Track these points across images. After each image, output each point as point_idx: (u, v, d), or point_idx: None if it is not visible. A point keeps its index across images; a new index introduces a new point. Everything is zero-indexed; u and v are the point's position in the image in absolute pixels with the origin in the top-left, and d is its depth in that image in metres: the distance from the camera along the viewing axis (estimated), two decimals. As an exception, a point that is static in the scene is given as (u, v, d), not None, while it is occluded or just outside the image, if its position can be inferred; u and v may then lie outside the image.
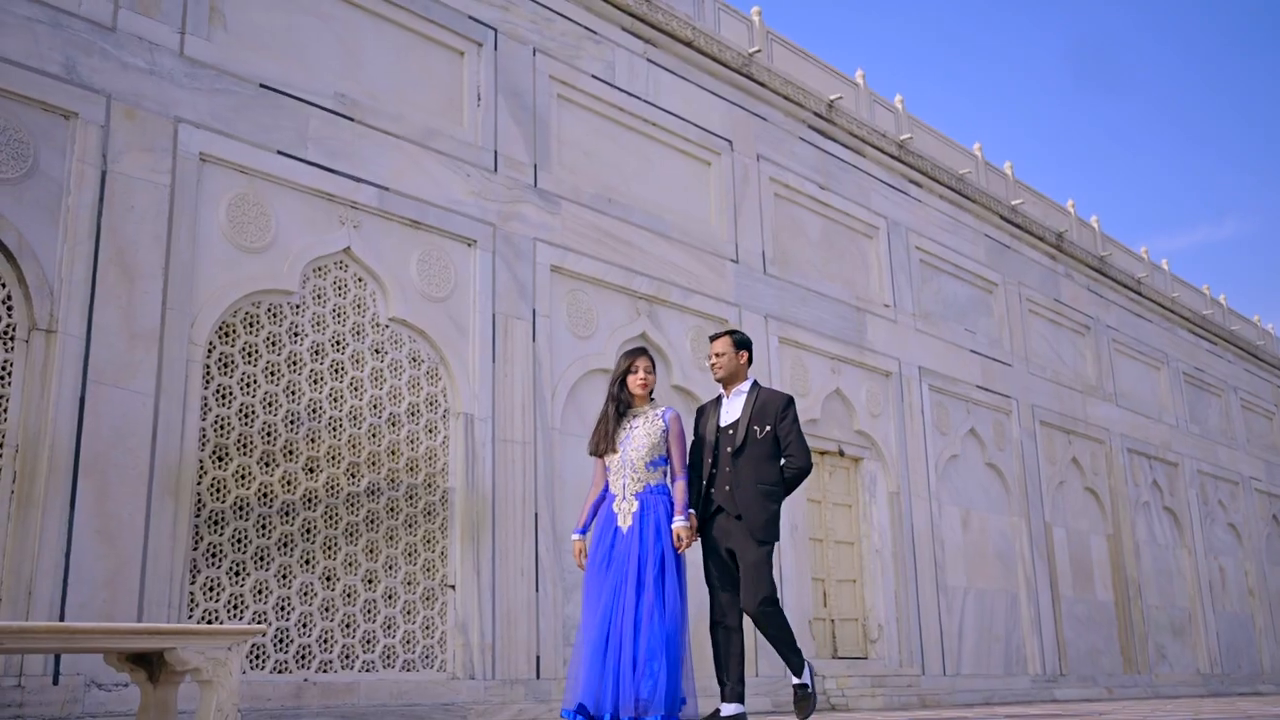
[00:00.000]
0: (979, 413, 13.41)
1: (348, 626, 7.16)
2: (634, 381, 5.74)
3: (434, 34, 8.42)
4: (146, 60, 6.72)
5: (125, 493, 6.18)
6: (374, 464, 7.50)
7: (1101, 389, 16.06)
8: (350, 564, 7.25)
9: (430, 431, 7.85)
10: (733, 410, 5.91)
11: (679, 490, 5.64)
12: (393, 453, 7.60)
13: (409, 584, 7.52)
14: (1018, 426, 13.92)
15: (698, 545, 5.87)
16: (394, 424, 7.65)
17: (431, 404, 7.90)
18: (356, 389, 7.51)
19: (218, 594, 6.61)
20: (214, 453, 6.73)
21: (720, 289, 10.23)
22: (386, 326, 7.75)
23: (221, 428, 6.80)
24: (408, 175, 7.96)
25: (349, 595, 7.21)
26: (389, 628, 7.36)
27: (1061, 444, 14.80)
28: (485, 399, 8.05)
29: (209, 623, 6.49)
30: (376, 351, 7.68)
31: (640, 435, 5.65)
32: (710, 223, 10.45)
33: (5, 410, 5.94)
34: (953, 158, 14.29)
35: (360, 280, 7.68)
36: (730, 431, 5.83)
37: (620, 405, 5.74)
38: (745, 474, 5.73)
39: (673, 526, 5.55)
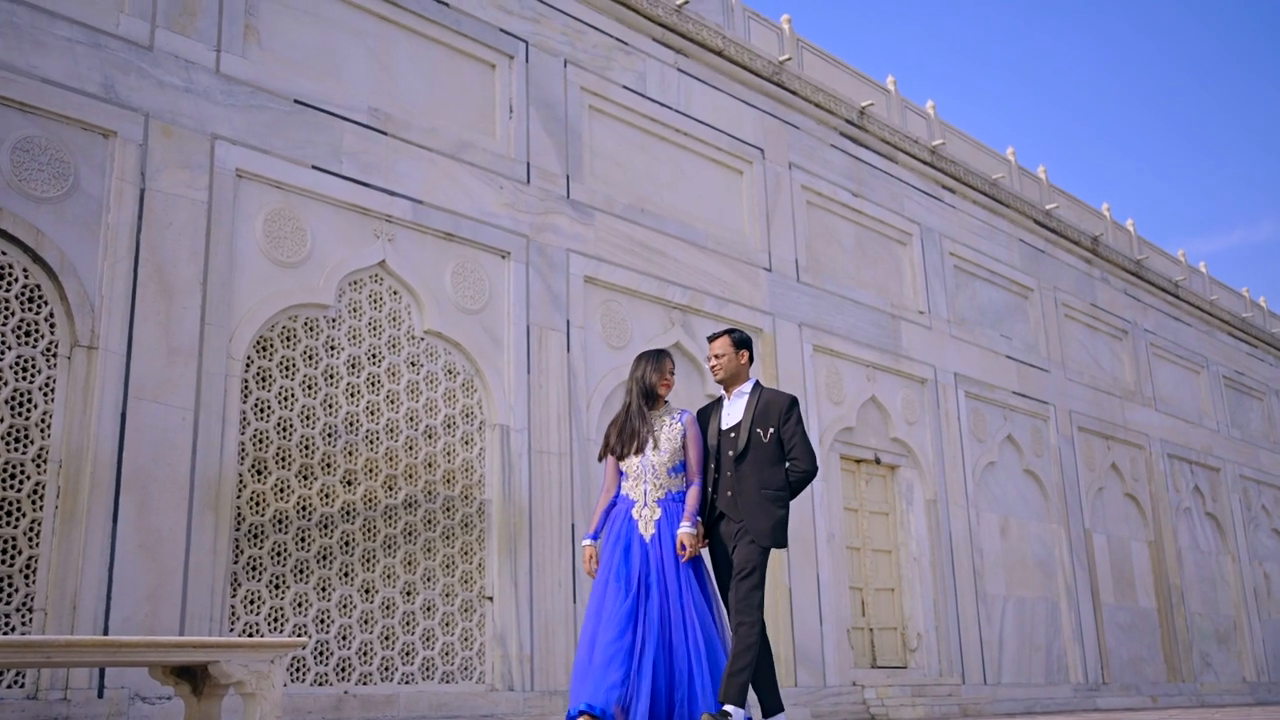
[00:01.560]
0: (1016, 419, 13.29)
1: (387, 639, 7.18)
2: (665, 385, 5.55)
3: (466, 47, 8.46)
4: (183, 78, 6.79)
5: (166, 507, 6.23)
6: (411, 477, 7.52)
7: (1140, 394, 15.88)
8: (389, 576, 7.27)
9: (466, 444, 7.86)
10: (734, 413, 5.63)
11: (692, 495, 5.43)
12: (429, 465, 7.62)
13: (447, 596, 7.53)
14: (1055, 433, 13.79)
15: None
16: (430, 436, 7.67)
17: (467, 416, 7.91)
18: (393, 402, 7.54)
19: (258, 607, 6.64)
20: (253, 466, 6.77)
21: (754, 298, 10.21)
22: (422, 339, 7.78)
23: (260, 442, 6.84)
24: (441, 188, 7.99)
25: (388, 607, 7.22)
26: (428, 640, 7.37)
27: (1100, 450, 14.65)
28: (521, 410, 8.06)
29: (250, 636, 6.52)
30: (412, 364, 7.70)
31: (663, 439, 5.45)
32: (743, 231, 10.43)
33: (49, 426, 6.01)
34: (986, 163, 14.20)
35: (395, 293, 7.71)
36: (732, 435, 5.56)
37: (645, 406, 5.51)
38: (748, 479, 5.46)
39: (677, 532, 5.31)
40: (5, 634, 5.65)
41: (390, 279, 7.69)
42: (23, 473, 5.89)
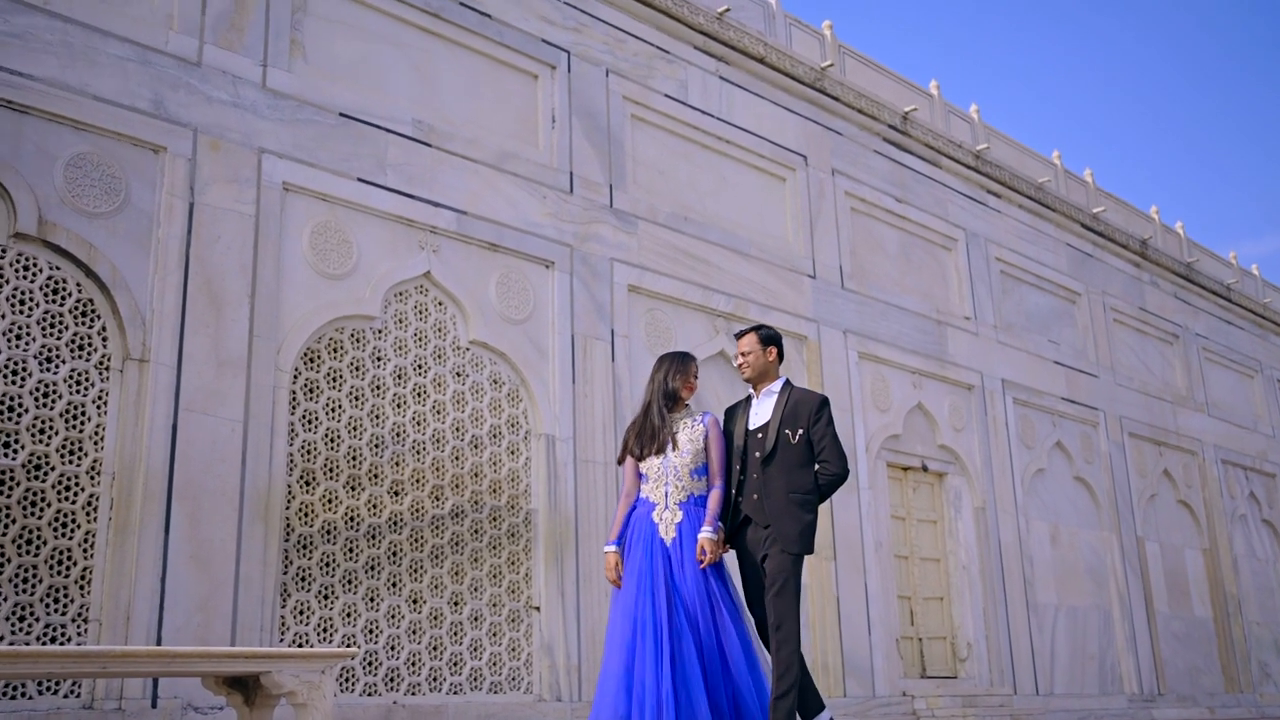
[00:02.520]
0: (1065, 425, 13.12)
1: (435, 649, 7.19)
2: (688, 389, 5.40)
3: (508, 58, 8.49)
4: (230, 93, 6.86)
5: (217, 518, 6.28)
6: (457, 486, 7.53)
7: (1192, 399, 15.63)
8: (436, 586, 7.29)
9: (512, 453, 7.87)
10: (762, 412, 5.39)
11: (713, 499, 5.24)
12: (476, 475, 7.63)
13: (494, 606, 7.53)
14: (1106, 439, 13.60)
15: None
16: (476, 446, 7.69)
17: (513, 426, 7.92)
18: (439, 412, 7.56)
19: (308, 617, 6.67)
20: (301, 477, 6.81)
21: (798, 305, 10.15)
22: (467, 349, 7.80)
23: (308, 453, 6.88)
24: (485, 199, 8.02)
25: (436, 618, 7.24)
26: (475, 650, 7.37)
27: (1152, 456, 14.42)
28: (566, 420, 8.06)
29: (300, 646, 6.55)
30: (458, 374, 7.72)
31: (684, 442, 5.28)
32: (787, 238, 10.38)
33: (102, 439, 6.08)
34: (1031, 167, 14.06)
35: (440, 304, 7.74)
36: (759, 436, 5.32)
37: (666, 408, 5.36)
38: (776, 482, 5.22)
39: (698, 537, 5.12)
40: (62, 644, 5.72)
41: (435, 290, 7.72)
42: (77, 485, 5.97)
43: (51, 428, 5.94)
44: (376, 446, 7.19)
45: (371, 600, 6.97)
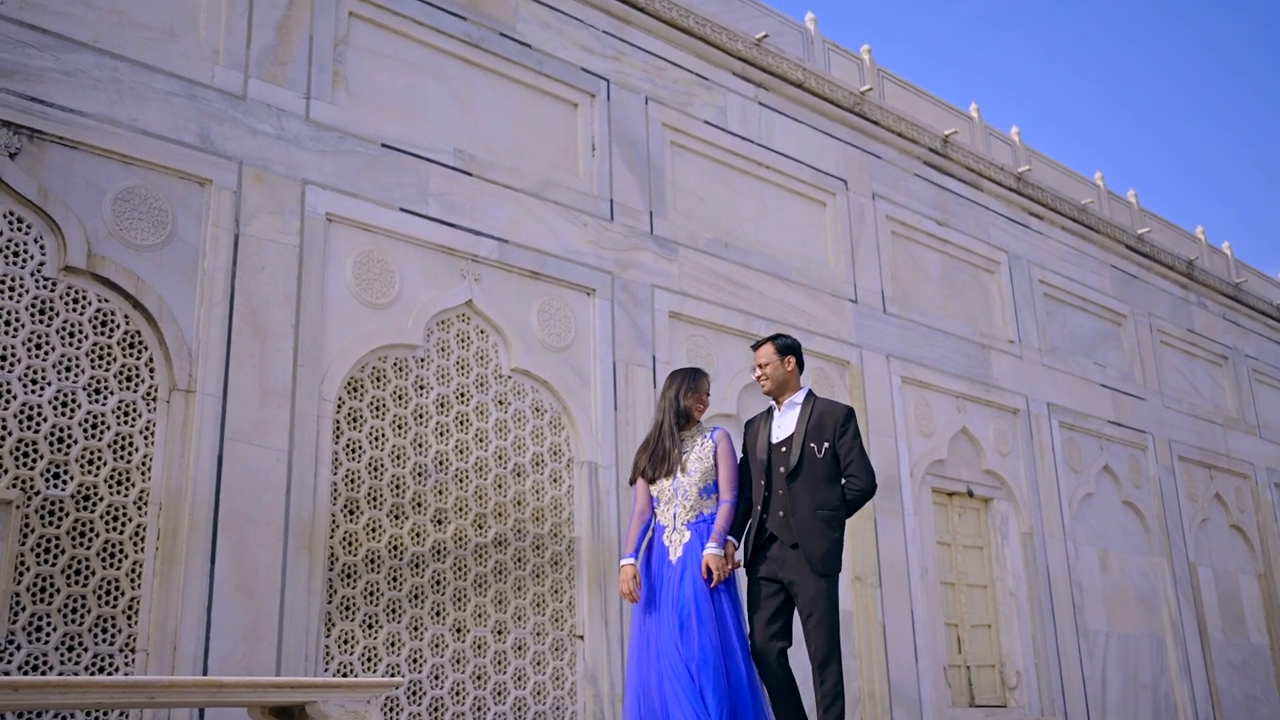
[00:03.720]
0: (1113, 449, 12.94)
1: (479, 678, 7.16)
2: (700, 407, 5.26)
3: (548, 87, 8.53)
4: (274, 126, 6.94)
5: (262, 548, 6.30)
6: (500, 515, 7.52)
7: (1243, 421, 15.37)
8: (480, 615, 7.27)
9: (555, 481, 7.86)
10: (785, 425, 5.20)
11: (721, 514, 5.02)
12: (518, 503, 7.62)
13: (538, 635, 7.50)
14: (1155, 462, 13.38)
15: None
16: (519, 474, 7.68)
17: (555, 453, 7.91)
18: (481, 440, 7.57)
19: (352, 647, 6.67)
20: (345, 507, 6.83)
21: (840, 330, 10.09)
22: (509, 377, 7.81)
23: (352, 482, 6.90)
24: (526, 227, 8.05)
25: (479, 647, 7.22)
26: (519, 679, 7.34)
27: (1202, 480, 14.18)
28: (608, 447, 8.04)
29: (344, 675, 6.55)
30: (500, 403, 7.73)
31: (693, 460, 5.12)
32: (828, 263, 10.34)
33: (149, 469, 6.13)
34: (1074, 188, 13.94)
35: (482, 332, 7.76)
36: (783, 449, 5.12)
37: (673, 429, 5.22)
38: (802, 498, 5.01)
39: (703, 554, 4.90)
40: (110, 674, 5.75)
41: (477, 318, 7.75)
42: (125, 515, 6.01)
43: (100, 458, 6.00)
44: (419, 475, 7.20)
45: (415, 629, 6.96)
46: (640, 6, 9.25)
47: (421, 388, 7.36)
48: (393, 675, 6.73)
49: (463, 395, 7.56)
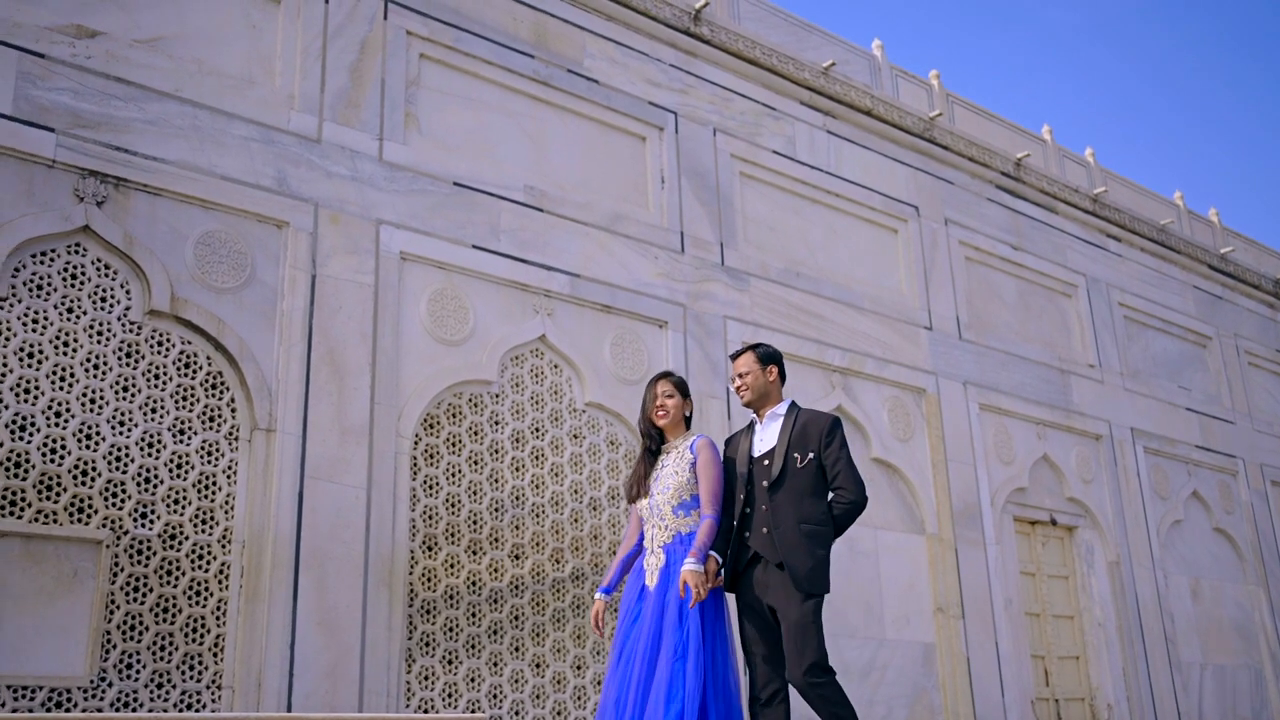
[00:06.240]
0: (1201, 474, 12.58)
1: (559, 714, 7.13)
2: (655, 413, 4.91)
3: (616, 122, 8.58)
4: (349, 167, 7.06)
5: (343, 584, 6.35)
6: (577, 549, 7.51)
7: (1337, 443, 14.86)
8: (559, 650, 7.25)
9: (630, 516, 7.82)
10: (768, 437, 4.91)
11: (702, 529, 4.64)
12: (595, 538, 7.60)
13: (617, 669, 7.44)
14: (1246, 488, 12.98)
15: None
16: (595, 509, 7.67)
17: (630, 486, 7.87)
18: (557, 474, 7.57)
19: (432, 683, 6.68)
20: (424, 543, 6.87)
21: (915, 357, 9.97)
22: (583, 411, 7.82)
23: (430, 518, 6.94)
24: (597, 261, 8.07)
25: (559, 682, 7.19)
26: (599, 715, 7.28)
27: (1297, 505, 13.71)
28: (683, 479, 7.98)
29: (425, 711, 6.56)
30: (575, 437, 7.74)
31: (668, 474, 4.78)
32: (901, 290, 10.23)
33: (232, 508, 6.22)
34: (1152, 208, 13.66)
35: (556, 367, 7.79)
36: (765, 462, 4.83)
37: (652, 442, 4.94)
38: (785, 512, 4.70)
39: (681, 571, 4.52)
40: (198, 710, 5.81)
41: (551, 353, 7.77)
42: (210, 553, 6.10)
43: (185, 498, 6.10)
44: (496, 510, 7.22)
45: (495, 665, 6.96)
46: (706, 39, 9.28)
47: (497, 423, 7.39)
48: (473, 711, 6.73)
49: (537, 430, 7.58)
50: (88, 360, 5.97)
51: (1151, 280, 13.09)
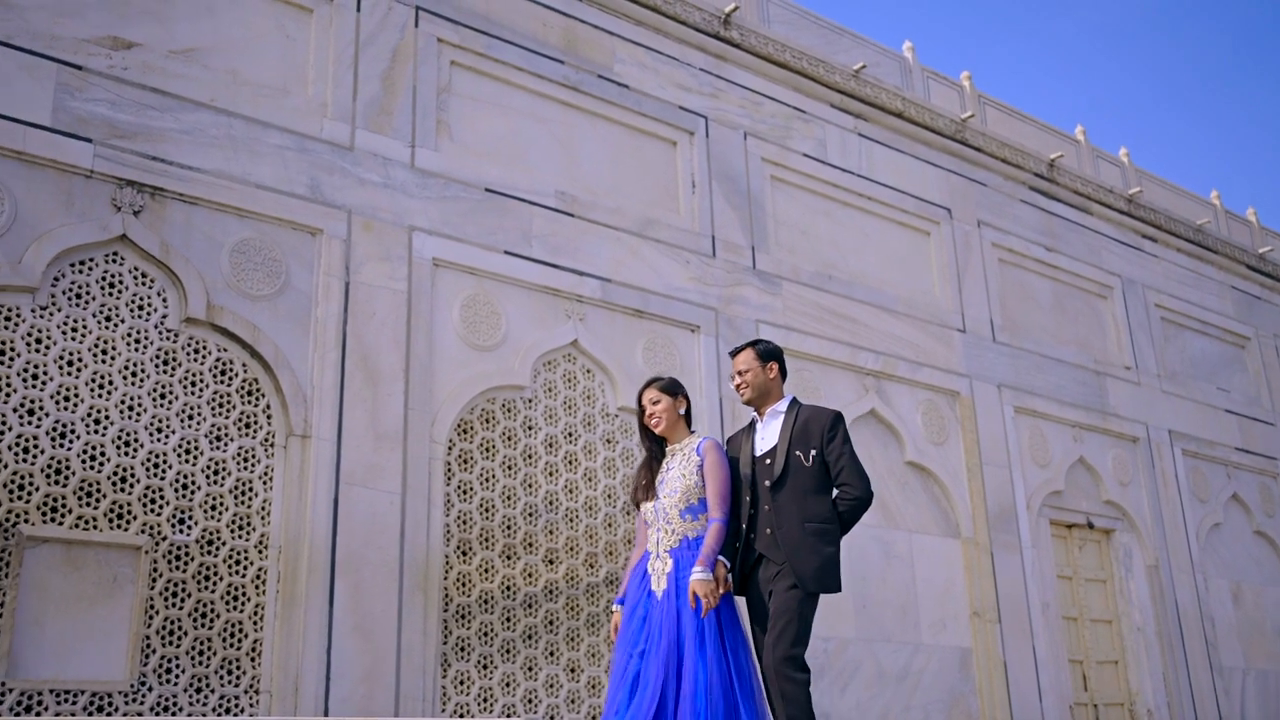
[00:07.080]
0: (1241, 477, 12.42)
1: (594, 719, 7.12)
2: (648, 423, 4.81)
3: (647, 127, 8.59)
4: (381, 175, 7.10)
5: (378, 590, 6.38)
6: (611, 554, 7.51)
7: (1380, 445, 14.63)
8: (593, 655, 7.24)
9: (664, 519, 7.81)
10: (769, 435, 4.80)
11: (710, 533, 4.52)
12: (629, 542, 7.60)
13: (651, 674, 7.43)
14: (1287, 490, 12.80)
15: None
16: (629, 513, 7.66)
17: (664, 491, 7.87)
18: (590, 480, 7.58)
19: (468, 687, 6.70)
20: (458, 548, 6.89)
21: (949, 360, 9.90)
22: (616, 416, 7.82)
23: (464, 523, 6.96)
24: (629, 266, 8.08)
25: (594, 686, 7.18)
26: (634, 719, 7.27)
27: (1339, 507, 13.51)
28: (717, 484, 7.97)
29: (461, 716, 6.57)
30: (607, 441, 7.74)
31: (674, 477, 4.66)
32: (934, 293, 10.17)
33: (269, 514, 6.26)
34: (1188, 208, 13.52)
35: (589, 372, 7.79)
36: (767, 461, 4.72)
37: (654, 445, 4.83)
38: (789, 511, 4.59)
39: (689, 580, 4.41)
40: (236, 714, 5.85)
41: (583, 358, 7.78)
42: (246, 559, 6.14)
43: (222, 504, 6.15)
44: (530, 515, 7.23)
45: (530, 669, 6.96)
46: (736, 43, 9.27)
47: (530, 428, 7.41)
48: (509, 716, 6.73)
49: (571, 435, 7.59)
50: (126, 368, 6.03)
51: (1188, 281, 12.96)
